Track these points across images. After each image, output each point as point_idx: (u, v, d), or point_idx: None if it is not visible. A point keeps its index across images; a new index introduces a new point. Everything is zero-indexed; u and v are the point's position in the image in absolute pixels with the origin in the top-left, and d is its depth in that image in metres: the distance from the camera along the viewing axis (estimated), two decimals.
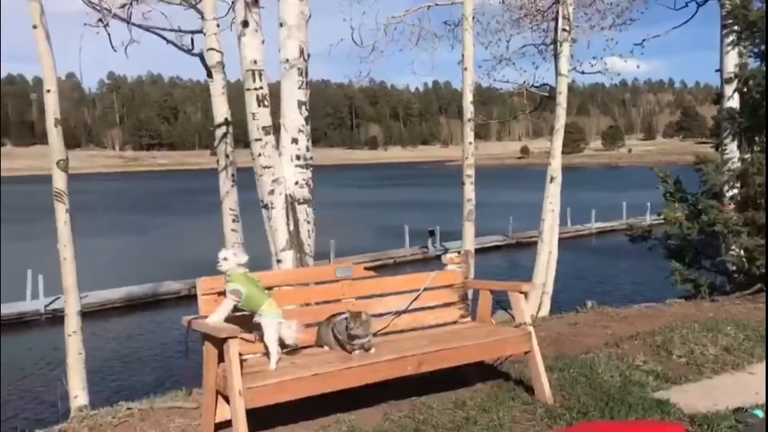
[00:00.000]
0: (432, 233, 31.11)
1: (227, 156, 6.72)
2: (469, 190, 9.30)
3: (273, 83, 5.58)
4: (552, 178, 9.81)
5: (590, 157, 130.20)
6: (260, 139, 5.17)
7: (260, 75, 5.13)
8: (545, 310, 9.57)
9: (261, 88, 5.14)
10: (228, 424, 3.98)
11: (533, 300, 9.75)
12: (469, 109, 9.28)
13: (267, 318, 3.72)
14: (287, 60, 5.23)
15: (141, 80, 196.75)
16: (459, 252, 5.52)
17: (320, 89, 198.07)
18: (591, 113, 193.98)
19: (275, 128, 5.26)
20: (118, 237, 37.87)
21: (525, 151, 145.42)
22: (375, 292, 4.48)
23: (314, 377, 3.59)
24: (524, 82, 10.73)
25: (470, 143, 9.34)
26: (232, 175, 6.72)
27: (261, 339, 3.81)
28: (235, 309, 3.80)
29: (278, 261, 5.24)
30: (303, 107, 5.29)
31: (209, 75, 6.71)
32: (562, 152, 9.86)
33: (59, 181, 5.55)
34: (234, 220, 6.76)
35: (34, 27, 5.24)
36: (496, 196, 49.33)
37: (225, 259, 3.74)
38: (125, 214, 51.18)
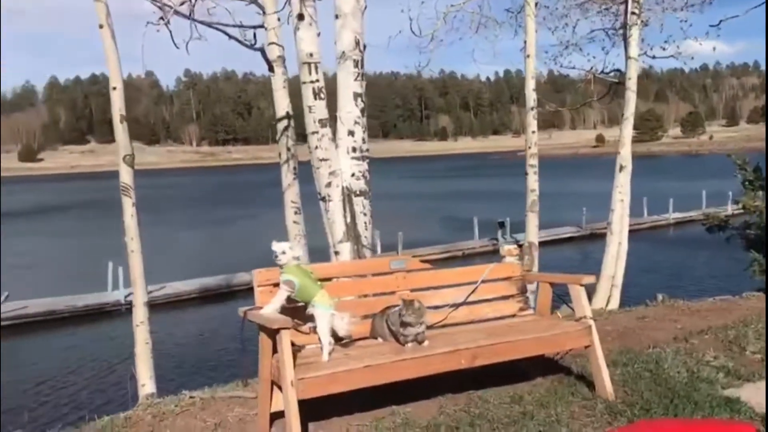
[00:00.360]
0: (502, 225, 30.73)
1: (288, 149, 6.79)
2: (533, 181, 9.10)
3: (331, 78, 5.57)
4: (621, 167, 9.49)
5: (669, 144, 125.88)
6: (317, 132, 5.18)
7: (316, 68, 5.15)
8: (614, 303, 9.29)
9: (317, 80, 5.15)
10: (284, 413, 4.03)
11: (602, 293, 9.49)
12: (531, 97, 9.05)
13: (319, 309, 3.74)
14: (343, 52, 5.22)
15: (216, 77, 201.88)
16: (520, 244, 5.39)
17: (390, 81, 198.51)
18: (669, 99, 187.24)
19: (332, 121, 5.26)
20: (195, 229, 39.09)
21: (600, 139, 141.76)
22: (430, 285, 4.43)
23: (366, 369, 3.57)
24: (592, 68, 10.40)
25: (533, 132, 9.11)
26: (294, 168, 6.79)
27: (315, 330, 3.83)
28: (290, 300, 3.83)
29: (336, 253, 5.25)
30: (359, 99, 5.27)
31: (271, 69, 6.78)
32: (639, 140, 9.56)
33: (125, 176, 5.73)
34: (296, 213, 6.83)
35: (101, 27, 5.42)
36: (569, 186, 48.37)
37: (283, 252, 3.75)
38: (202, 208, 52.70)
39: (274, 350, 3.70)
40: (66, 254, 31.76)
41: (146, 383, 5.82)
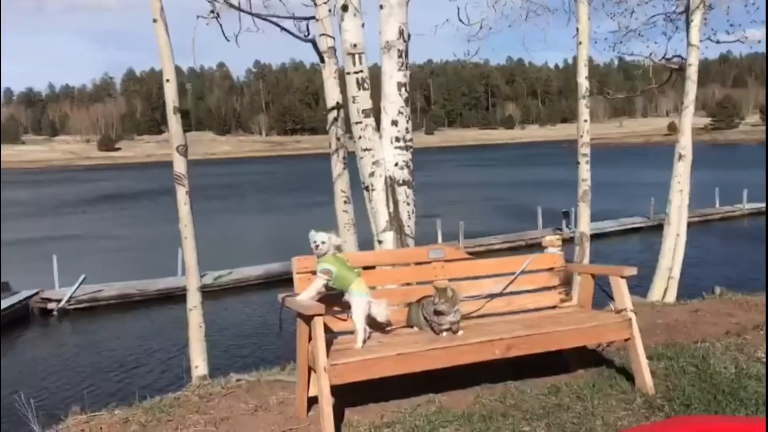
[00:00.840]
0: (567, 214, 30.19)
1: (338, 139, 6.87)
2: (584, 170, 8.92)
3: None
4: (680, 156, 9.19)
5: (746, 132, 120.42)
6: (360, 122, 5.23)
7: (360, 58, 5.19)
8: (671, 296, 9.03)
9: (361, 71, 5.20)
10: (315, 399, 4.12)
11: (659, 285, 9.24)
12: (584, 85, 8.87)
13: (355, 297, 3.80)
14: (387, 42, 5.24)
15: (285, 68, 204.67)
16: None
17: (456, 69, 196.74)
18: (749, 85, 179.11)
19: (376, 111, 5.30)
20: (263, 216, 39.97)
21: (672, 127, 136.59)
22: (468, 274, 4.44)
23: (397, 357, 3.62)
24: (650, 54, 10.06)
25: (585, 121, 8.94)
26: (343, 157, 6.86)
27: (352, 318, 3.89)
28: (329, 288, 3.90)
29: (379, 242, 5.30)
30: (403, 89, 5.29)
31: (321, 60, 6.86)
32: (716, 128, 9.17)
33: (179, 165, 5.91)
34: (345, 202, 6.91)
35: (154, 21, 5.61)
36: (639, 176, 47.07)
37: (323, 242, 3.80)
38: (271, 195, 53.70)
39: (311, 336, 3.79)
40: (140, 239, 32.91)
41: (199, 365, 6.03)
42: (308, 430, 3.76)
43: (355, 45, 5.19)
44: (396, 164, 5.28)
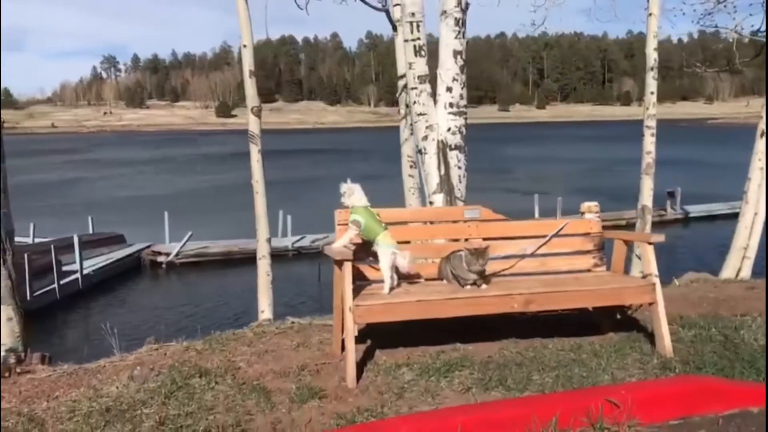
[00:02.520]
0: (672, 194, 29.16)
1: (407, 106, 7.14)
2: (649, 143, 8.76)
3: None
4: (763, 133, 8.82)
5: None
6: (416, 88, 5.50)
7: (418, 26, 5.44)
8: (745, 274, 8.75)
9: (418, 38, 5.45)
10: (357, 339, 4.50)
11: (732, 263, 8.97)
12: (652, 57, 8.68)
13: (382, 248, 4.13)
14: (445, 10, 5.46)
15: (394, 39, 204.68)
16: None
17: (572, 42, 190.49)
18: None
19: (432, 78, 5.55)
20: (365, 182, 40.69)
21: None
22: (502, 235, 4.65)
23: (418, 303, 3.93)
24: (736, 26, 9.58)
25: (651, 93, 8.76)
26: (411, 124, 7.13)
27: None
28: (364, 239, 4.24)
29: (431, 203, 5.58)
30: (458, 57, 5.50)
31: (394, 29, 7.14)
32: None
33: (253, 126, 6.39)
34: (411, 166, 7.21)
35: None
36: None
37: (343, 192, 4.16)
38: (373, 163, 54.48)
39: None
40: (247, 201, 34.40)
41: (265, 310, 6.54)
42: (339, 365, 4.14)
43: (413, 14, 5.44)
44: (449, 129, 5.52)
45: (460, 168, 5.58)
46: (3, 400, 3.80)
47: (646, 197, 8.90)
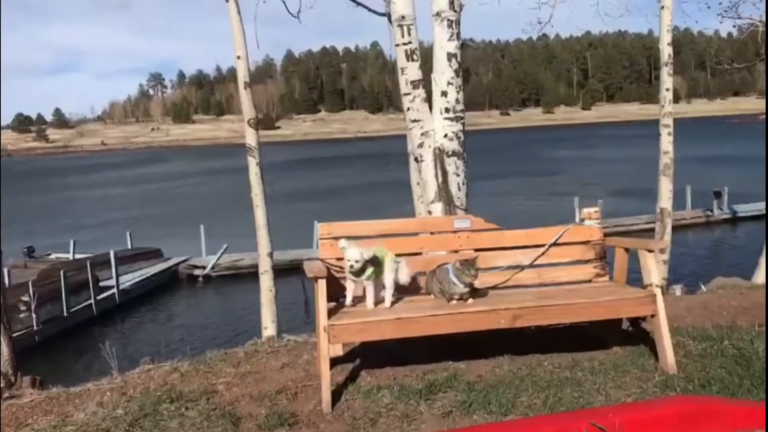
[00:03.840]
0: (718, 195, 28.20)
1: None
2: (666, 142, 8.33)
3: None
4: None
5: None
6: (409, 94, 5.29)
7: (409, 30, 5.23)
8: None
9: (410, 42, 5.25)
10: (341, 359, 4.30)
11: (765, 268, 8.48)
12: (666, 51, 8.27)
13: (389, 266, 3.90)
14: (438, 12, 5.24)
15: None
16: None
17: (617, 41, 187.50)
18: None
19: (426, 83, 5.33)
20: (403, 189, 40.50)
21: None
22: (495, 245, 4.40)
23: (397, 321, 3.70)
24: (761, 16, 9.08)
25: (667, 90, 8.34)
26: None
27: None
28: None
29: (429, 212, 5.35)
30: (453, 59, 5.27)
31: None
32: None
33: (250, 138, 6.26)
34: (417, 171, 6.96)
35: (227, 0, 5.96)
36: None
37: (357, 261, 3.79)
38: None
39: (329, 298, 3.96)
40: (284, 211, 34.47)
41: (268, 326, 6.40)
42: (319, 387, 3.94)
43: (403, 17, 5.24)
44: (445, 135, 5.29)
45: (458, 175, 5.33)
46: None
47: (665, 199, 8.47)
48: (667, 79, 8.44)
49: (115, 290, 19.47)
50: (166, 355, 5.46)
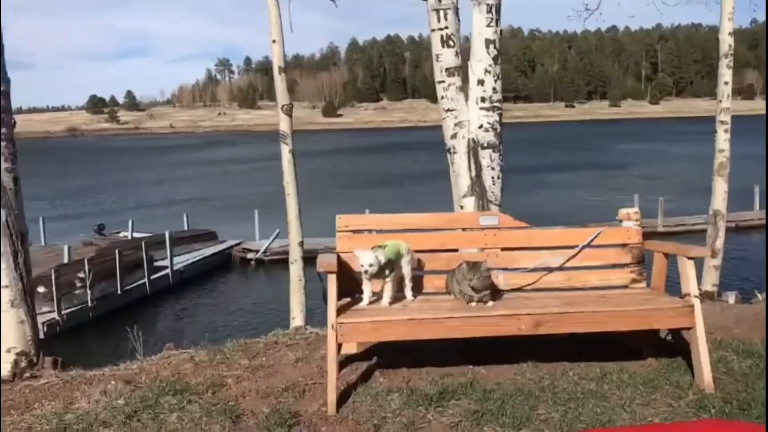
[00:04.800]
0: None
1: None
2: (722, 140, 7.76)
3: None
4: None
5: None
6: (443, 81, 5.05)
7: (445, 14, 4.99)
8: None
9: (446, 27, 5.00)
10: (357, 357, 4.13)
11: None
12: (726, 42, 7.69)
13: (406, 257, 3.75)
14: None
15: (502, 35, 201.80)
16: None
17: (690, 34, 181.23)
18: None
19: (463, 70, 5.09)
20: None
21: None
22: (523, 245, 4.13)
23: (409, 322, 3.50)
24: None
25: (725, 83, 7.77)
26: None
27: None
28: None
29: (461, 207, 5.12)
30: (491, 46, 5.00)
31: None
32: None
33: (283, 124, 6.11)
34: None
35: None
36: None
37: (371, 265, 3.63)
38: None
39: (340, 295, 3.79)
40: (338, 197, 34.53)
41: (296, 316, 6.28)
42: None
43: (440, 0, 4.99)
44: (481, 126, 5.03)
45: (493, 169, 5.07)
46: None
47: (719, 201, 7.94)
48: (726, 72, 7.89)
49: (169, 270, 19.81)
50: (210, 337, 5.38)
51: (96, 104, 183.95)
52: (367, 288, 3.72)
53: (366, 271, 3.58)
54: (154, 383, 3.83)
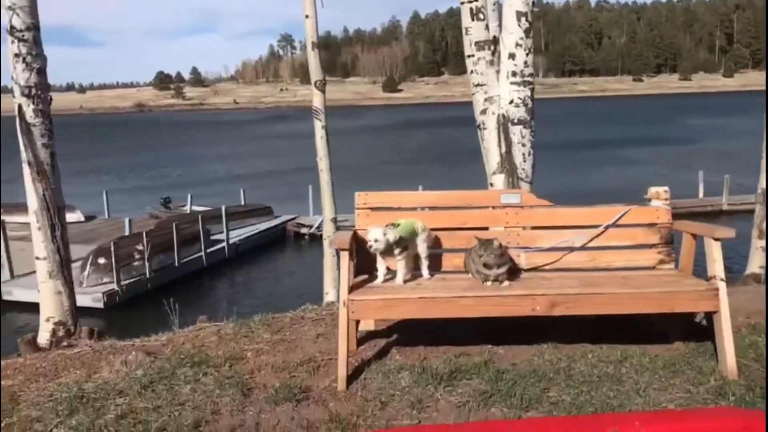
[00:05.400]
0: None
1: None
2: None
3: None
4: None
5: None
6: (472, 55, 4.95)
7: None
8: None
9: (475, 0, 4.88)
10: (378, 333, 4.13)
11: None
12: None
13: (421, 235, 3.74)
14: None
15: (568, 6, 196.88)
16: None
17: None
18: None
19: (494, 43, 4.97)
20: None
21: None
22: (546, 223, 4.03)
23: (419, 300, 3.47)
24: None
25: None
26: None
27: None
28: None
29: (491, 184, 5.03)
30: (523, 19, 4.85)
31: None
32: None
33: (316, 100, 6.10)
34: None
35: None
36: None
37: (376, 240, 3.60)
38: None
39: (356, 272, 3.80)
40: (395, 172, 34.47)
41: (329, 292, 6.32)
42: (348, 361, 3.80)
43: None
44: (511, 101, 4.91)
45: (524, 145, 4.95)
46: (14, 377, 3.86)
47: (765, 180, 7.50)
48: None
49: (225, 244, 20.24)
50: (260, 310, 5.44)
51: (162, 80, 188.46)
52: (381, 266, 3.71)
53: (371, 246, 3.56)
54: (175, 355, 3.92)
